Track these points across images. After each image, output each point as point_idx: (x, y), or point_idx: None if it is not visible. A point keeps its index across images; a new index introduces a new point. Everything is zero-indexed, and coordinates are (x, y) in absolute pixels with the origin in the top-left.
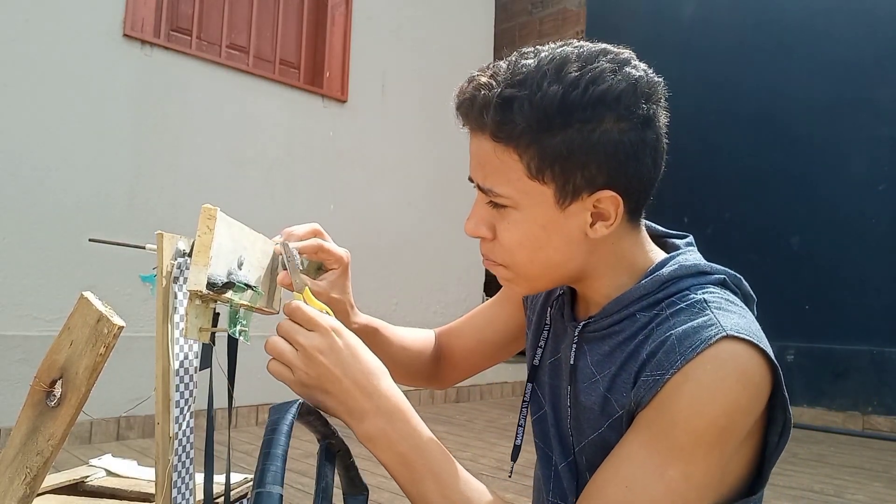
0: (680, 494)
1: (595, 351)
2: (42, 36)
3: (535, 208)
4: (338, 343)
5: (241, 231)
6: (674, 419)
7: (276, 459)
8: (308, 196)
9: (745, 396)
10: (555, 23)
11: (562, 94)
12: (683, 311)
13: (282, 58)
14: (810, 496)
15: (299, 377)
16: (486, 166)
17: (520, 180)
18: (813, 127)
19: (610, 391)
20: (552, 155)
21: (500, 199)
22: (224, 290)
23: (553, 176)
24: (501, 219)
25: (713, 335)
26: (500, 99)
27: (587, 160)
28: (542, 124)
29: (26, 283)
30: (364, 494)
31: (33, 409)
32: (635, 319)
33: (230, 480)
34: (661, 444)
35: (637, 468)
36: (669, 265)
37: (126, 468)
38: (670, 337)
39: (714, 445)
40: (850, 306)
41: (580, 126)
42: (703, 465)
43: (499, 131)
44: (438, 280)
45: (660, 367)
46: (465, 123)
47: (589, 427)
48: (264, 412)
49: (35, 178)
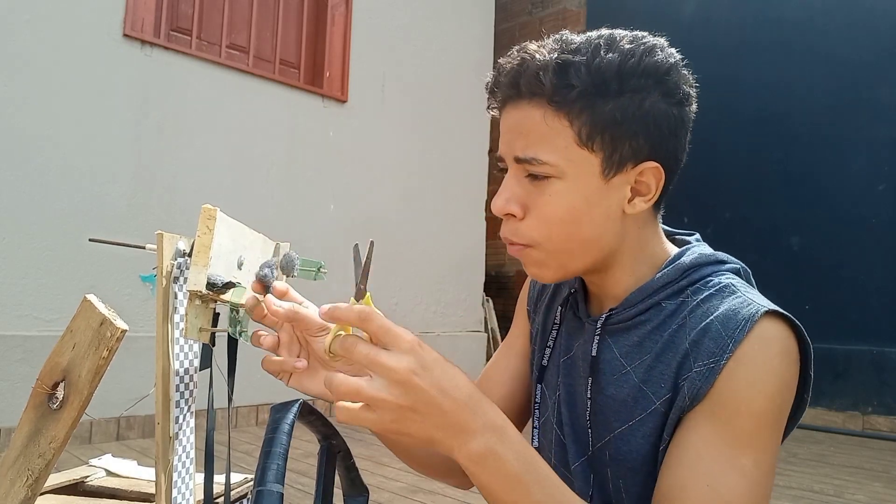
0: (756, 482)
1: (622, 342)
2: (42, 36)
3: (580, 178)
4: (427, 358)
5: (241, 231)
6: (736, 407)
7: (277, 458)
8: (308, 196)
9: (790, 373)
10: (555, 23)
11: (619, 62)
12: (714, 296)
13: (282, 58)
14: (810, 496)
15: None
16: (529, 135)
17: (567, 148)
18: (813, 127)
19: (646, 382)
20: (604, 122)
21: (544, 169)
22: (224, 290)
23: (602, 144)
24: (540, 192)
25: (755, 312)
26: (560, 61)
27: (637, 129)
28: (598, 89)
29: (26, 283)
30: (364, 495)
31: (35, 411)
32: (661, 308)
33: (230, 480)
34: (729, 434)
35: (713, 465)
36: (688, 254)
37: (126, 468)
38: (712, 323)
39: (774, 426)
40: (850, 306)
41: (632, 95)
42: (769, 448)
43: (556, 94)
44: (438, 280)
45: (711, 354)
46: (509, 93)
47: (617, 420)
48: (264, 412)
49: (35, 178)
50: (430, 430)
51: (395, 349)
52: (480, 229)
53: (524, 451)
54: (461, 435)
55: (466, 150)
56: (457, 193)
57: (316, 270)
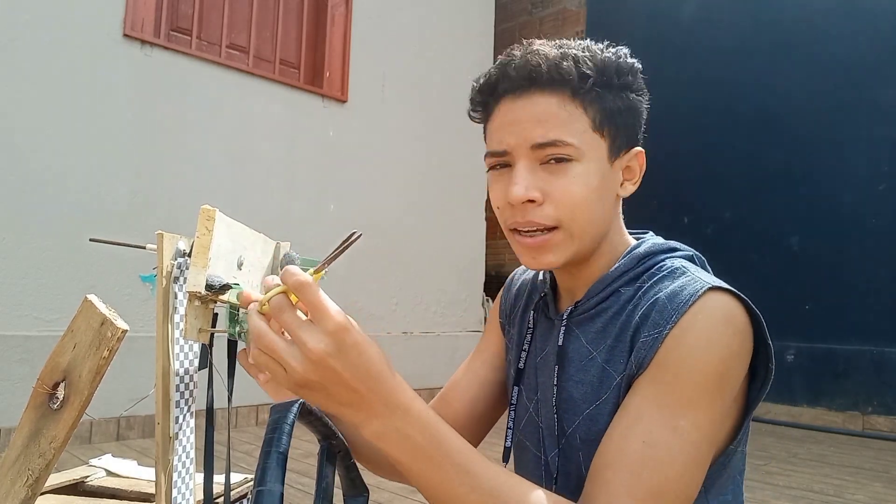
0: (692, 443)
1: (587, 330)
2: (42, 36)
3: (595, 161)
4: (347, 342)
5: (240, 231)
6: (677, 372)
7: (277, 458)
8: (308, 196)
9: (736, 342)
10: (555, 23)
11: (613, 59)
12: (665, 278)
13: (282, 58)
14: (810, 496)
15: (295, 379)
16: (549, 121)
17: (585, 132)
18: (813, 127)
19: (608, 362)
20: (610, 110)
21: (568, 150)
22: (223, 291)
23: (609, 131)
24: (560, 176)
25: (699, 289)
26: (572, 55)
27: (627, 120)
28: (605, 82)
29: (26, 283)
30: (364, 495)
31: (36, 411)
32: (619, 294)
33: (230, 480)
34: (669, 397)
35: (651, 423)
36: (643, 245)
37: (126, 468)
38: (660, 298)
39: (716, 392)
40: (850, 306)
41: (623, 90)
42: (709, 413)
43: (576, 83)
44: (438, 280)
45: (655, 325)
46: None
47: (584, 402)
48: (264, 412)
49: (35, 178)
50: (335, 405)
51: (320, 327)
52: (480, 229)
53: (431, 428)
54: (362, 412)
55: (467, 150)
56: (457, 193)
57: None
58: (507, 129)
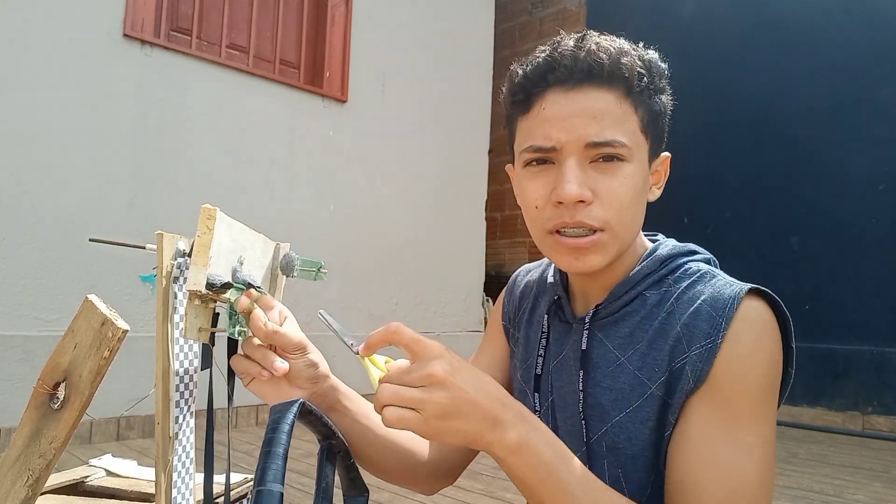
0: (762, 456)
1: (613, 335)
2: (42, 36)
3: (641, 163)
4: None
5: (241, 231)
6: (733, 387)
7: (277, 458)
8: (308, 196)
9: (776, 348)
10: (555, 23)
11: (655, 62)
12: (696, 282)
13: (282, 58)
14: (810, 496)
15: (431, 413)
16: (605, 118)
17: (635, 132)
18: (813, 127)
19: (641, 369)
20: (654, 112)
21: (621, 150)
22: (223, 290)
23: (651, 133)
24: (610, 176)
25: (738, 291)
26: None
27: (663, 125)
28: (652, 83)
29: (26, 283)
30: (364, 496)
31: (36, 411)
32: (645, 298)
33: (230, 480)
34: (731, 415)
35: (720, 447)
36: (663, 247)
37: (126, 468)
38: (702, 305)
39: (769, 401)
40: (850, 306)
41: (662, 93)
42: (767, 423)
43: (633, 80)
44: (438, 280)
45: (707, 335)
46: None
47: (614, 409)
48: (264, 412)
49: (35, 178)
50: (470, 425)
51: (428, 356)
52: (480, 229)
53: (554, 441)
54: (497, 427)
55: (466, 150)
56: (457, 193)
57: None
58: (556, 124)
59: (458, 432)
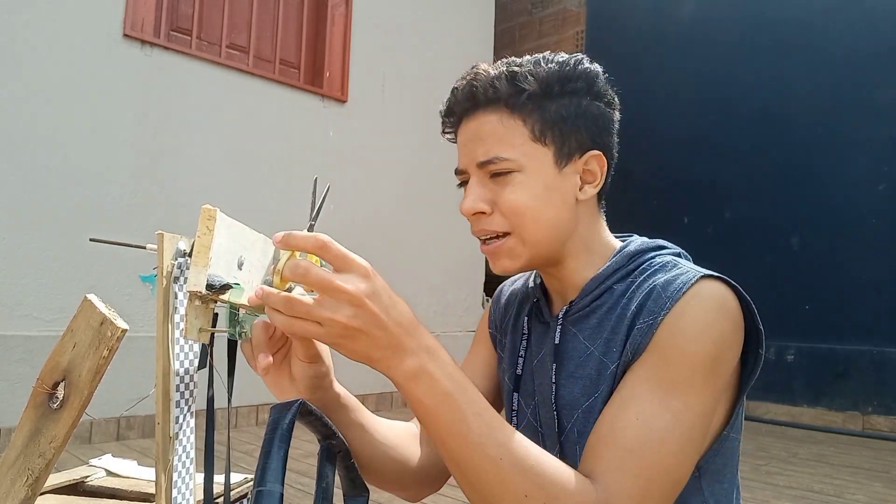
0: (685, 424)
1: (584, 327)
2: (42, 36)
3: (539, 170)
4: (378, 284)
5: (241, 231)
6: (671, 355)
7: (277, 458)
8: (308, 196)
9: (728, 327)
10: (555, 23)
11: (558, 69)
12: (658, 271)
13: (282, 58)
14: (810, 496)
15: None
16: (488, 139)
17: (524, 144)
18: (813, 126)
19: (605, 354)
20: (552, 119)
21: (506, 164)
22: (223, 291)
23: (553, 138)
24: (504, 187)
25: (692, 277)
26: (510, 71)
27: (579, 125)
28: (544, 92)
29: (26, 283)
30: (364, 496)
31: (35, 410)
32: (613, 291)
33: (230, 480)
34: (663, 379)
35: (645, 404)
36: (632, 244)
37: (126, 468)
38: (655, 287)
39: (709, 375)
40: (850, 306)
41: (571, 96)
42: (702, 395)
43: (510, 98)
44: (438, 280)
45: (650, 313)
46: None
47: (584, 396)
48: (264, 412)
49: (35, 178)
50: (372, 349)
51: (353, 273)
52: None
53: (455, 373)
54: (398, 354)
55: None
56: (457, 193)
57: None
58: (461, 150)
59: (359, 353)
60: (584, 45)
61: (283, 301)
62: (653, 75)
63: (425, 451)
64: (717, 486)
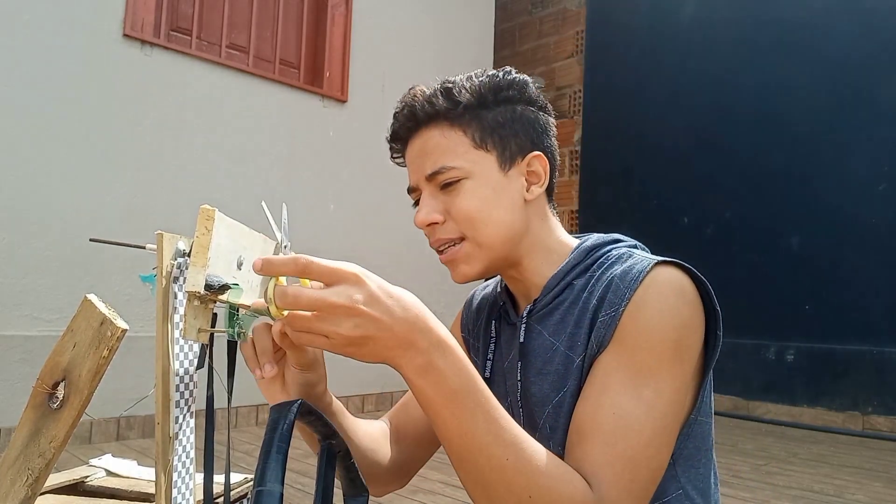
0: (657, 409)
1: (548, 324)
2: (42, 36)
3: (485, 175)
4: (373, 287)
5: (240, 231)
6: (635, 344)
7: (277, 458)
8: (308, 196)
9: (687, 310)
10: (555, 23)
11: (489, 80)
12: (615, 263)
13: (282, 58)
14: (810, 496)
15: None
16: (433, 152)
17: (468, 152)
18: (813, 127)
19: (571, 349)
20: (490, 126)
21: (453, 173)
22: (222, 291)
23: (494, 144)
24: (455, 195)
25: (646, 265)
26: (444, 88)
27: (516, 129)
28: (479, 101)
29: (26, 283)
30: (364, 495)
31: (35, 410)
32: (573, 286)
33: (230, 480)
34: (631, 369)
35: (617, 395)
36: (589, 239)
37: (126, 468)
38: (613, 279)
39: (675, 360)
40: (850, 306)
41: (506, 103)
42: (670, 380)
43: (448, 111)
44: (439, 280)
45: (611, 305)
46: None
47: (552, 391)
48: (264, 412)
49: (35, 178)
50: (381, 350)
51: (343, 285)
52: None
53: (465, 370)
54: (408, 351)
55: None
56: None
57: None
58: (410, 168)
59: (370, 357)
60: (584, 45)
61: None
62: (653, 75)
63: (395, 450)
64: (692, 472)
